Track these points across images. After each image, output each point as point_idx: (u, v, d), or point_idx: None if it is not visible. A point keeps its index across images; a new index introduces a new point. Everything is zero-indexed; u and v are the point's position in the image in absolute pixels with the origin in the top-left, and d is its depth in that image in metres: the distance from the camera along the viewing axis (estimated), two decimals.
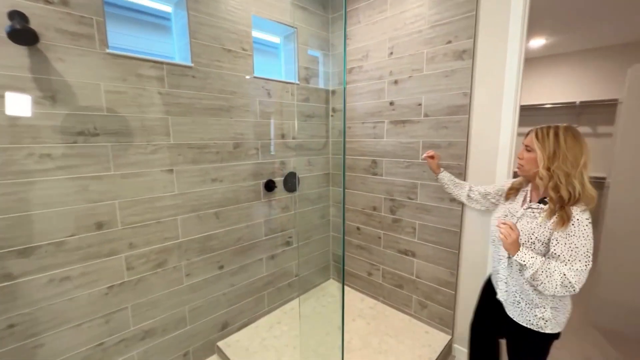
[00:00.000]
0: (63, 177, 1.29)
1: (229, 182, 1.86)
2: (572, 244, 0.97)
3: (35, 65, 1.19)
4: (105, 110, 1.37)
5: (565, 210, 0.98)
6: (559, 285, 0.96)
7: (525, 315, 1.12)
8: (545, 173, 1.02)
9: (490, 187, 1.47)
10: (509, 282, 1.17)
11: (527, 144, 1.10)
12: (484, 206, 1.52)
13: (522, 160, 1.12)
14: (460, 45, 1.70)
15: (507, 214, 1.21)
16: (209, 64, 1.69)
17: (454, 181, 1.65)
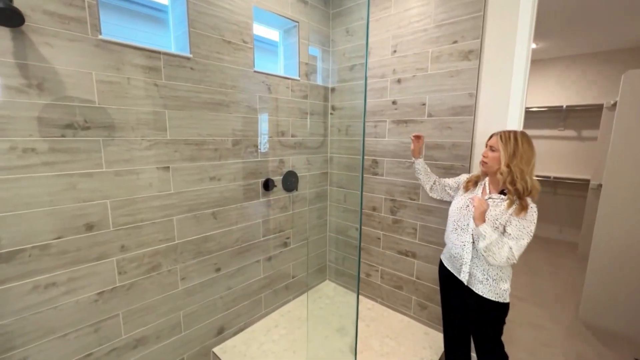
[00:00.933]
0: (49, 174, 1.17)
1: (227, 181, 1.77)
2: (522, 226, 1.18)
3: (20, 50, 1.07)
4: (96, 102, 1.26)
5: (523, 200, 1.19)
6: (505, 256, 1.16)
7: (493, 290, 1.28)
8: (506, 169, 1.22)
9: (449, 180, 1.63)
10: (475, 263, 1.32)
11: (492, 145, 1.30)
12: (439, 196, 1.67)
13: (486, 158, 1.31)
14: (467, 46, 1.68)
15: (468, 203, 1.37)
16: (208, 56, 1.59)
17: (427, 170, 1.72)
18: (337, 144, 2.44)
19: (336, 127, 2.43)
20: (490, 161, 1.30)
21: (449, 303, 1.55)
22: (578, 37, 3.22)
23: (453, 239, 1.41)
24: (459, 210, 1.40)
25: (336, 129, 2.43)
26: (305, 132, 2.24)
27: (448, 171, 1.83)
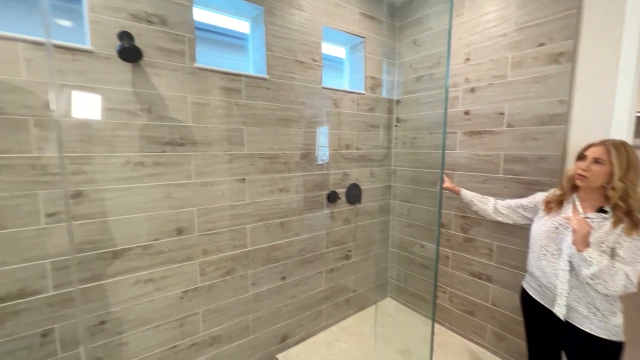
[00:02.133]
0: (152, 184, 1.36)
1: (294, 192, 1.85)
2: (637, 247, 1.02)
3: (137, 80, 1.28)
4: (190, 121, 1.44)
5: (633, 218, 1.04)
6: (621, 284, 1.00)
7: (604, 326, 1.09)
8: (620, 185, 1.06)
9: (522, 200, 1.46)
10: (575, 294, 1.14)
11: (598, 157, 1.12)
12: (510, 219, 1.51)
13: (587, 172, 1.13)
14: (556, 48, 1.51)
15: (557, 226, 1.20)
16: (282, 75, 1.71)
17: (477, 197, 1.60)
18: (402, 157, 2.38)
19: (401, 140, 2.37)
20: (593, 175, 1.12)
21: (537, 340, 1.34)
22: None
23: (543, 267, 1.24)
24: (547, 234, 1.23)
25: (401, 141, 2.37)
26: (369, 144, 2.24)
27: (532, 187, 1.63)
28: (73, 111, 1.17)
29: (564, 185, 1.27)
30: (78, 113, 1.18)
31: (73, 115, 1.17)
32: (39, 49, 1.10)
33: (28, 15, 1.22)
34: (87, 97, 1.19)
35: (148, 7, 1.28)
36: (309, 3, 1.78)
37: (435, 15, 2.02)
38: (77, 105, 1.18)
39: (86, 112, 1.19)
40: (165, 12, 1.32)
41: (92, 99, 1.20)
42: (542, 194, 1.40)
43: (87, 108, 1.20)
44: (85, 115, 1.19)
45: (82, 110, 1.19)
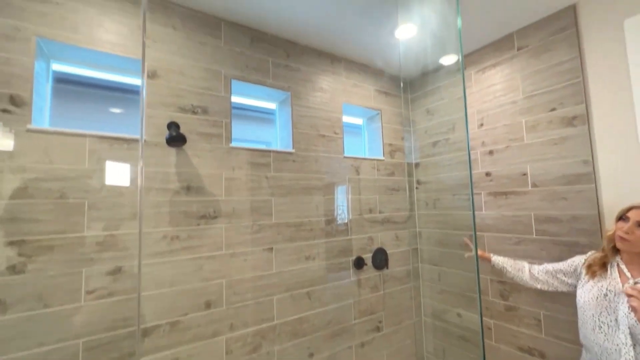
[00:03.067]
0: (186, 257, 1.41)
1: (320, 259, 1.83)
2: None
3: (179, 162, 1.43)
4: (223, 195, 1.54)
5: None
6: None
7: None
8: None
9: (560, 264, 1.39)
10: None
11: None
12: (552, 286, 1.42)
13: (630, 235, 1.09)
14: (568, 112, 1.58)
15: (606, 292, 1.13)
16: (307, 149, 1.85)
17: (510, 263, 1.51)
18: (426, 218, 2.35)
19: (423, 201, 2.38)
20: (636, 240, 1.08)
21: None
22: None
23: (599, 341, 1.11)
24: (596, 302, 1.14)
25: (423, 202, 2.38)
26: (392, 207, 2.25)
27: (572, 249, 1.55)
28: (122, 192, 1.30)
29: (605, 247, 1.21)
30: (126, 193, 1.30)
31: (121, 196, 1.30)
32: (102, 142, 1.27)
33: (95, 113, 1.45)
34: (135, 178, 1.33)
35: (194, 101, 1.49)
36: (330, 85, 2.00)
37: (445, 88, 2.20)
38: (127, 185, 1.31)
39: (134, 191, 1.32)
40: (208, 103, 1.53)
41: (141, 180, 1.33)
42: (581, 256, 1.32)
43: (135, 188, 1.32)
44: (132, 194, 1.32)
45: (130, 189, 1.31)
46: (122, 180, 1.30)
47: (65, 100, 1.40)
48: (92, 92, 1.47)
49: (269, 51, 1.76)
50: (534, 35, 1.72)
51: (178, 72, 1.47)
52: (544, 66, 1.68)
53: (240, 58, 1.66)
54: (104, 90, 1.50)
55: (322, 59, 1.98)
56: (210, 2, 1.49)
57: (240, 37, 1.67)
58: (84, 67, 1.42)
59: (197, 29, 1.54)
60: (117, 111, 1.53)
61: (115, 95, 1.53)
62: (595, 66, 1.51)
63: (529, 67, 1.74)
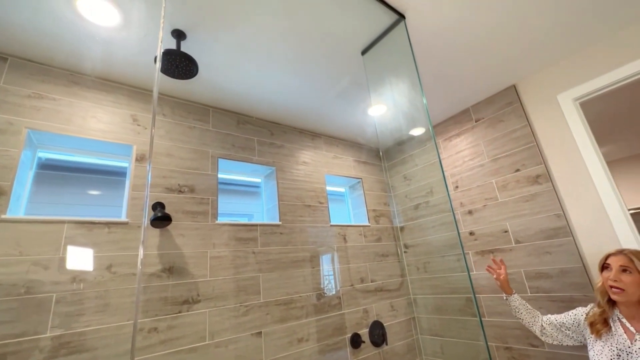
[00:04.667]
0: (163, 353, 1.24)
1: (314, 341, 1.67)
2: None
3: (162, 243, 1.37)
4: (208, 276, 1.45)
5: None
6: None
7: None
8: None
9: (562, 317, 1.33)
10: None
11: (624, 265, 1.10)
12: (557, 341, 1.33)
13: (622, 284, 1.08)
14: (532, 172, 1.74)
15: (617, 352, 1.08)
16: (293, 220, 1.85)
17: (527, 307, 1.42)
18: (419, 283, 2.29)
19: (414, 266, 2.34)
20: (628, 287, 1.08)
21: None
22: None
23: None
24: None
25: (414, 267, 2.34)
26: (384, 274, 2.19)
27: (568, 305, 1.52)
28: (96, 281, 1.20)
29: (600, 301, 1.19)
30: (100, 281, 1.20)
31: (95, 286, 1.19)
32: (80, 227, 1.22)
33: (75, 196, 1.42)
34: (114, 265, 1.24)
35: (181, 181, 1.51)
36: (312, 159, 2.12)
37: (417, 155, 2.39)
38: (102, 274, 1.21)
39: (110, 279, 1.22)
40: (194, 182, 1.55)
41: (118, 267, 1.24)
42: (583, 309, 1.29)
43: (112, 275, 1.23)
44: (107, 283, 1.21)
45: (106, 277, 1.21)
46: (99, 266, 1.21)
47: (45, 186, 1.38)
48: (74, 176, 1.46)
49: (254, 131, 1.89)
50: (487, 109, 1.99)
51: (165, 154, 1.52)
52: (501, 134, 1.90)
53: (227, 139, 1.76)
54: (86, 173, 1.50)
55: (303, 136, 2.14)
56: (200, 93, 1.64)
57: (227, 120, 1.80)
58: (70, 153, 1.44)
59: (187, 115, 1.66)
60: (96, 193, 1.50)
61: (98, 178, 1.52)
62: (544, 133, 1.73)
63: (488, 135, 1.96)
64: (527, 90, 1.82)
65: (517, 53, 1.59)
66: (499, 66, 1.69)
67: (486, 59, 1.61)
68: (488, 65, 1.67)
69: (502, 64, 1.67)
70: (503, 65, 1.68)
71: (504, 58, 1.62)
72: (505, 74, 1.76)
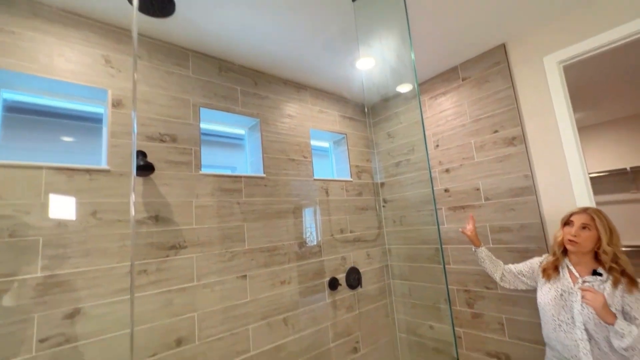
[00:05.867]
0: (154, 293, 1.33)
1: (296, 283, 1.82)
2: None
3: (147, 191, 1.38)
4: (194, 224, 1.50)
5: (628, 276, 1.12)
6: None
7: None
8: (609, 248, 1.15)
9: (521, 266, 1.48)
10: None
11: (585, 223, 1.21)
12: (513, 285, 1.50)
13: (578, 238, 1.21)
14: (509, 134, 1.81)
15: (561, 292, 1.24)
16: (278, 173, 1.88)
17: (491, 257, 1.57)
18: (394, 235, 2.46)
19: (390, 219, 2.49)
20: (583, 241, 1.20)
21: None
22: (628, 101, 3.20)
23: (561, 339, 1.21)
24: (554, 302, 1.25)
25: (390, 220, 2.49)
26: (362, 226, 2.33)
27: (523, 255, 1.72)
28: (82, 226, 1.22)
29: (556, 251, 1.33)
30: (87, 226, 1.23)
31: (81, 230, 1.21)
32: (60, 173, 1.20)
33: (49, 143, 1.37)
34: (99, 211, 1.25)
35: (162, 129, 1.47)
36: (297, 112, 2.08)
37: (402, 113, 2.40)
38: (87, 219, 1.23)
39: (96, 225, 1.24)
40: (176, 131, 1.52)
41: (104, 213, 1.26)
42: (538, 259, 1.45)
43: (97, 221, 1.25)
44: (94, 228, 1.24)
45: (91, 223, 1.23)
46: (84, 213, 1.23)
47: (16, 130, 1.31)
48: (47, 120, 1.39)
49: (237, 80, 1.81)
50: (475, 68, 1.97)
51: (144, 100, 1.45)
52: (485, 94, 1.92)
53: (208, 86, 1.68)
54: (60, 118, 1.42)
55: (288, 87, 2.07)
56: (178, 35, 1.53)
57: (208, 66, 1.71)
58: (40, 95, 1.35)
59: (164, 59, 1.55)
60: (72, 140, 1.44)
61: (73, 124, 1.45)
62: (525, 95, 1.76)
63: (473, 95, 1.98)
64: (515, 50, 1.81)
65: (509, 10, 1.54)
66: (490, 23, 1.64)
67: (478, 13, 1.56)
68: (479, 21, 1.62)
69: (493, 20, 1.62)
70: (494, 21, 1.63)
71: (495, 13, 1.57)
72: (496, 30, 1.72)
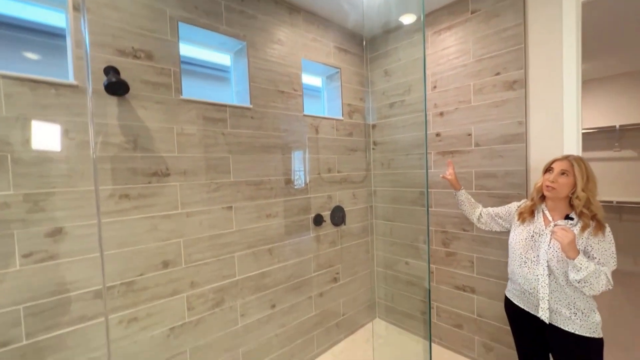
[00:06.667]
0: (138, 217, 1.33)
1: (281, 217, 1.86)
2: (604, 249, 1.16)
3: (123, 114, 1.28)
4: (176, 152, 1.44)
5: (597, 221, 1.18)
6: (603, 284, 1.11)
7: (585, 325, 1.18)
8: (583, 194, 1.20)
9: (499, 209, 1.54)
10: (557, 297, 1.22)
11: (564, 169, 1.25)
12: (489, 227, 1.58)
13: (555, 184, 1.25)
14: (510, 77, 1.72)
15: (532, 234, 1.31)
16: (265, 105, 1.78)
17: (470, 200, 1.64)
18: (381, 178, 2.48)
19: (379, 162, 2.49)
20: (560, 187, 1.24)
21: (526, 345, 1.41)
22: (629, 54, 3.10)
23: (524, 274, 1.31)
24: (524, 242, 1.33)
25: (379, 163, 2.49)
26: (350, 167, 2.33)
27: (504, 200, 1.78)
28: (54, 145, 1.14)
29: (534, 197, 1.38)
30: (60, 147, 1.15)
31: (55, 149, 1.14)
32: (21, 85, 1.08)
33: (10, 51, 1.20)
34: (71, 130, 1.17)
35: (135, 43, 1.31)
36: (288, 38, 1.90)
37: (403, 48, 2.22)
38: (59, 139, 1.15)
39: (69, 145, 1.17)
40: (152, 47, 1.36)
41: (76, 133, 1.18)
42: (516, 204, 1.50)
43: (70, 142, 1.17)
44: (68, 149, 1.17)
45: (64, 144, 1.16)
46: (53, 132, 1.14)
47: None
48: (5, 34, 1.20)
49: None
50: None
51: (111, 6, 1.26)
52: (492, 31, 1.77)
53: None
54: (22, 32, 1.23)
55: (279, 8, 1.85)
56: None
57: None
58: None
59: None
60: (35, 58, 1.27)
61: (34, 40, 1.27)
62: (535, 34, 1.64)
63: (479, 32, 1.83)
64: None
65: None
66: None
67: None
68: None
69: None
70: None
71: None
72: None
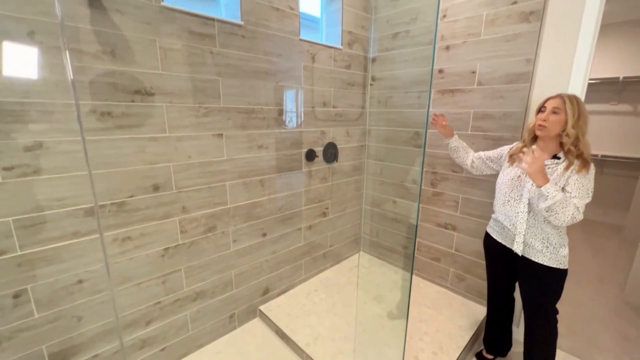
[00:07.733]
0: (123, 137, 1.27)
1: (273, 150, 1.83)
2: (582, 184, 1.18)
3: (96, 18, 1.13)
4: (160, 69, 1.32)
5: (583, 159, 1.20)
6: (570, 215, 1.14)
7: (554, 257, 1.27)
8: (573, 131, 1.20)
9: (490, 152, 1.55)
10: (533, 232, 1.30)
11: (555, 107, 1.23)
12: (480, 171, 1.60)
13: (546, 122, 1.25)
14: (527, 7, 1.58)
15: (519, 174, 1.34)
16: (257, 23, 1.60)
17: (463, 145, 1.65)
18: (376, 116, 2.41)
19: (376, 99, 2.39)
20: (550, 125, 1.24)
21: (496, 274, 1.54)
22: None
23: (506, 211, 1.37)
24: (510, 182, 1.36)
25: (376, 100, 2.39)
26: (346, 103, 2.23)
27: (497, 142, 1.77)
28: (20, 50, 1.02)
29: (525, 138, 1.38)
30: (28, 52, 1.03)
31: (21, 54, 1.02)
32: None
33: None
34: (37, 32, 1.03)
35: None
36: None
37: None
38: (25, 41, 1.02)
39: (39, 51, 1.04)
40: None
41: (44, 36, 1.04)
42: (508, 146, 1.51)
43: (40, 46, 1.04)
44: (38, 55, 1.04)
45: (32, 49, 1.03)
46: (17, 34, 1.00)
47: None
48: None
49: None
50: None
51: None
52: None
53: None
54: None
55: None
56: None
57: None
58: None
59: None
60: None
61: None
62: None
63: None
64: None
65: None
66: None
67: None
68: None
69: None
70: None
71: None
72: None
